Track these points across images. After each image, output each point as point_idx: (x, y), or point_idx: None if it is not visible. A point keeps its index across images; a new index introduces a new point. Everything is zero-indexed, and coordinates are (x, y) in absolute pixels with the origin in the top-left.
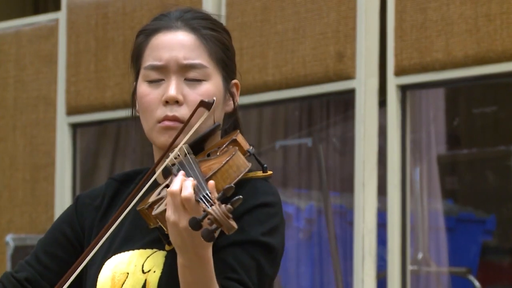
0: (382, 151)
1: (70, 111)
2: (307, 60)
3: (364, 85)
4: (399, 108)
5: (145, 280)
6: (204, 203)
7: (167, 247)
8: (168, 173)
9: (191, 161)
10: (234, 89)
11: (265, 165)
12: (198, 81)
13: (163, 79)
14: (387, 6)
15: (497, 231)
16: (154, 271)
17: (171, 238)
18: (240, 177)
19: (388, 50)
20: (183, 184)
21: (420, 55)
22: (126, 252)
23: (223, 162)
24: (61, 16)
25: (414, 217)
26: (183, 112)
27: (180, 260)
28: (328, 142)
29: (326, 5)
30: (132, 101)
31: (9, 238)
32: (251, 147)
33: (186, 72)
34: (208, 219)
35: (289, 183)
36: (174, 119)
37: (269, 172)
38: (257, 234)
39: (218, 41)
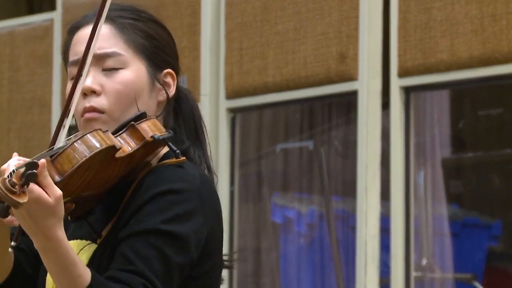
0: (385, 154)
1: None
2: (308, 61)
3: (367, 86)
4: (403, 110)
5: None
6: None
7: (98, 240)
8: None
9: (60, 143)
10: (168, 79)
11: (177, 151)
12: (115, 69)
13: None
14: (391, 5)
15: (503, 236)
16: None
17: (20, 222)
18: (90, 156)
19: (391, 51)
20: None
21: (424, 56)
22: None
23: (69, 144)
24: (56, 16)
25: (418, 222)
26: (101, 102)
27: (35, 245)
28: (330, 145)
29: (328, 4)
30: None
31: None
32: (164, 133)
33: (103, 63)
34: None
35: (290, 187)
36: (92, 109)
37: (182, 158)
38: (156, 222)
39: (138, 29)
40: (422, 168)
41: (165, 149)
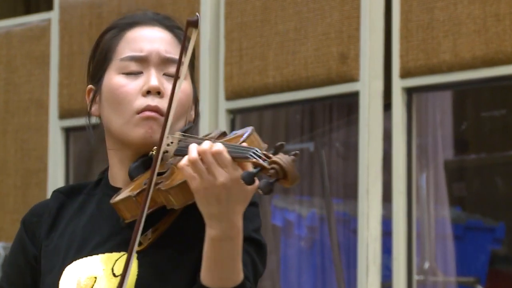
0: (387, 156)
1: (63, 115)
2: (309, 62)
3: (368, 87)
4: (405, 112)
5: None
6: (255, 158)
7: (136, 248)
8: (181, 152)
9: (200, 139)
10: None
11: None
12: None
13: (142, 72)
14: (392, 5)
15: (506, 239)
16: None
17: (204, 208)
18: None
19: (393, 51)
20: (204, 143)
21: (426, 56)
22: (89, 257)
23: (245, 135)
24: (53, 16)
25: (421, 225)
26: (165, 104)
27: (212, 234)
28: (331, 146)
29: (329, 4)
30: (91, 102)
31: None
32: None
33: (166, 67)
34: (272, 169)
35: (290, 189)
36: (156, 109)
37: None
38: (249, 231)
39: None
40: (424, 170)
41: None
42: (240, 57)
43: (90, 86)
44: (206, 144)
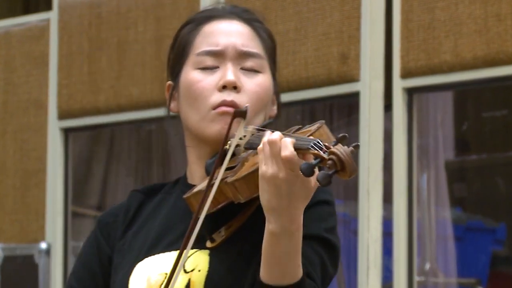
0: (387, 157)
1: (62, 115)
2: (309, 62)
3: (369, 88)
4: (406, 112)
5: (189, 279)
6: (316, 149)
7: (208, 244)
8: (251, 145)
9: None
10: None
11: None
12: (255, 71)
13: (218, 67)
14: (393, 5)
15: (507, 240)
16: (199, 270)
17: (264, 200)
18: None
19: (394, 52)
20: (274, 133)
21: (427, 56)
22: (162, 254)
23: (314, 128)
24: (52, 16)
25: (421, 226)
26: (242, 99)
27: (271, 228)
28: None
29: (329, 4)
30: (169, 98)
31: None
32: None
33: (243, 61)
34: (330, 159)
35: None
36: (232, 104)
37: None
38: (320, 230)
39: (270, 36)
40: (425, 171)
41: None
42: None
43: (169, 82)
44: (276, 135)
